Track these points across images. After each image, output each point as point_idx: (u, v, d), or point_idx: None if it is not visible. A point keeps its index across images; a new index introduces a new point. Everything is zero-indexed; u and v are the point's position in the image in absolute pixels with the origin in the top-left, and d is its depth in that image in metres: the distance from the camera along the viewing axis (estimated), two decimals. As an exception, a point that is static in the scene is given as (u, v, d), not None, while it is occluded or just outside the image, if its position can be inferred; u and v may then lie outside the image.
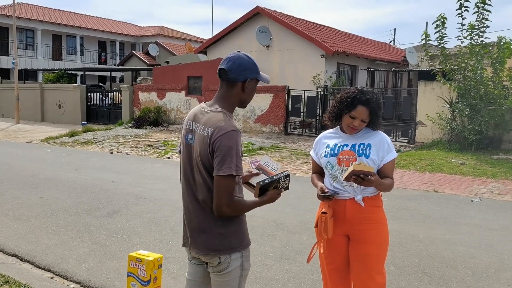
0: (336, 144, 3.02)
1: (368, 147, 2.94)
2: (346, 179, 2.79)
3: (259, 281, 4.49)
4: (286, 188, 2.54)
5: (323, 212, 2.92)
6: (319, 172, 3.19)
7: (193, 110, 2.55)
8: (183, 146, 2.52)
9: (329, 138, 3.11)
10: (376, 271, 2.96)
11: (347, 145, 2.99)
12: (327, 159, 3.02)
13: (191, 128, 2.47)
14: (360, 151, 2.94)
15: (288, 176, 2.52)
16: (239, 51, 2.50)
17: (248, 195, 2.50)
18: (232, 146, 2.29)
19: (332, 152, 3.01)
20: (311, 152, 3.24)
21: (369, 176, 2.75)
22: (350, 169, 2.74)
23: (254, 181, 2.53)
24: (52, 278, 4.61)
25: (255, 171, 2.64)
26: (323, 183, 3.06)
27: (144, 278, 2.48)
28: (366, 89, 3.00)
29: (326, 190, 2.95)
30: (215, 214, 2.35)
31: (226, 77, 2.42)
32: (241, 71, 2.42)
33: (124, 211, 6.97)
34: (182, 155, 2.53)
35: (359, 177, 2.75)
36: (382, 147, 2.95)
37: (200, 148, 2.37)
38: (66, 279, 4.57)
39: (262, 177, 2.55)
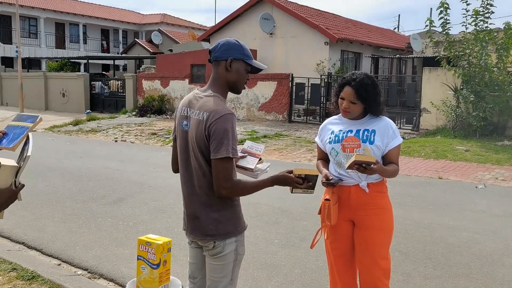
0: (340, 130, 3.02)
1: (373, 133, 2.94)
2: (349, 167, 2.80)
3: (264, 268, 4.53)
4: (310, 188, 2.45)
5: (326, 199, 2.92)
6: (324, 158, 3.19)
7: (187, 96, 2.56)
8: (178, 133, 2.53)
9: (334, 125, 3.11)
10: (381, 257, 2.98)
11: (351, 131, 2.98)
12: (331, 145, 3.02)
13: (186, 114, 2.48)
14: (364, 137, 2.94)
15: (316, 176, 2.47)
16: (230, 38, 2.56)
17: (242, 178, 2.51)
18: (228, 129, 2.30)
19: (336, 138, 3.01)
20: (316, 139, 3.24)
21: (371, 165, 2.75)
22: (352, 159, 2.74)
23: (241, 163, 2.57)
24: (59, 265, 4.66)
25: (240, 154, 2.67)
26: (328, 169, 3.06)
27: (154, 261, 2.51)
28: (359, 72, 2.98)
29: (331, 177, 2.95)
30: (216, 196, 2.36)
31: (211, 57, 2.46)
32: (224, 50, 2.44)
33: (130, 199, 7.01)
34: (178, 142, 2.55)
35: (361, 166, 2.75)
36: (387, 133, 2.94)
37: (195, 133, 2.38)
38: (73, 266, 4.62)
39: (249, 159, 2.59)
